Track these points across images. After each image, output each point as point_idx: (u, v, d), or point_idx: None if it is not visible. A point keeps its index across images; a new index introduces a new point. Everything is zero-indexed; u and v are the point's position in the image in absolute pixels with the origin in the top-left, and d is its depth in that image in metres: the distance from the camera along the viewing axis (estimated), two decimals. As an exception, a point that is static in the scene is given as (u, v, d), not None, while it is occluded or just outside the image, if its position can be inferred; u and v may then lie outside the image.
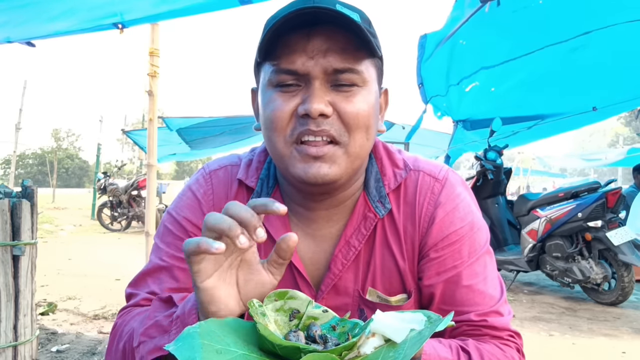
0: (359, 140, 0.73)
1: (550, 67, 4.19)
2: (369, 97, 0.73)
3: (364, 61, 0.72)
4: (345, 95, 0.72)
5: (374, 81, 0.75)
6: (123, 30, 2.51)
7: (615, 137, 39.34)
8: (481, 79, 4.46)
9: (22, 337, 2.10)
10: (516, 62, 4.15)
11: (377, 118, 0.77)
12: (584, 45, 3.81)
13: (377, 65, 0.76)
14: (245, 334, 0.55)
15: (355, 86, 0.72)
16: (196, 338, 0.50)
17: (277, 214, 0.55)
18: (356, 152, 0.73)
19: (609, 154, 14.10)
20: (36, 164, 46.12)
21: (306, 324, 0.59)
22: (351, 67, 0.71)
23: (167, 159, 10.13)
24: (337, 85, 0.72)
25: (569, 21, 3.65)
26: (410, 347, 0.49)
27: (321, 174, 0.71)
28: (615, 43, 3.74)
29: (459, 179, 0.84)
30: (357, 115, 0.71)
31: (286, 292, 0.60)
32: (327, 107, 0.70)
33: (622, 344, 3.33)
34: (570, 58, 3.99)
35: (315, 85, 0.70)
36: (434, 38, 3.98)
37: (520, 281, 5.49)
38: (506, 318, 0.78)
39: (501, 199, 5.34)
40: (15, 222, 2.08)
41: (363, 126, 0.72)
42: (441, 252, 0.78)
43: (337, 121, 0.71)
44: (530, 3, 3.56)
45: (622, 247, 4.13)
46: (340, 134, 0.71)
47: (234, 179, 0.85)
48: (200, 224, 0.82)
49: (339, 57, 0.70)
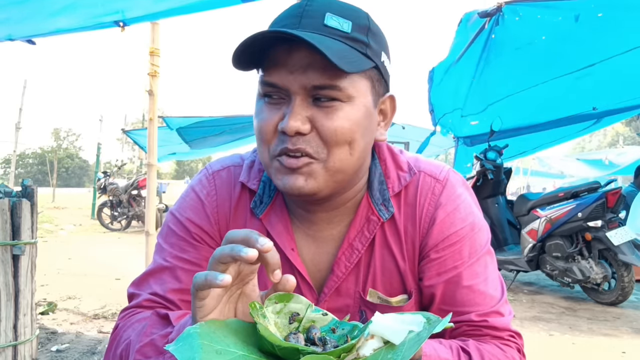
0: (339, 155, 0.71)
1: (554, 94, 4.35)
2: (353, 112, 0.70)
3: (348, 76, 0.69)
4: (325, 112, 0.69)
5: (362, 95, 0.72)
6: (124, 28, 2.51)
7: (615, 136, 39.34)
8: (486, 114, 4.82)
9: (22, 337, 2.10)
10: (520, 95, 4.34)
11: (367, 131, 0.74)
12: (588, 74, 3.90)
13: (371, 77, 0.73)
14: (246, 335, 0.55)
15: (337, 101, 0.70)
16: (196, 338, 0.50)
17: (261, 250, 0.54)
18: (336, 167, 0.71)
19: (609, 154, 14.09)
20: (36, 164, 46.14)
21: (306, 326, 0.59)
22: (332, 84, 0.68)
23: (167, 158, 10.15)
24: (318, 100, 0.70)
25: (573, 54, 3.73)
26: (409, 348, 0.49)
27: (297, 186, 0.71)
28: (618, 68, 3.85)
29: (460, 180, 0.84)
30: (335, 131, 0.69)
31: (287, 295, 0.60)
32: (304, 124, 0.69)
33: (622, 344, 3.33)
34: (574, 85, 4.09)
35: (296, 101, 0.69)
36: (441, 68, 4.14)
37: (520, 281, 5.49)
38: (507, 318, 0.78)
39: (501, 199, 5.35)
40: (15, 221, 2.08)
41: (343, 142, 0.70)
42: (442, 252, 0.78)
43: (316, 138, 0.70)
44: (533, 39, 3.63)
45: (622, 247, 4.13)
46: (318, 150, 0.70)
47: (237, 180, 0.85)
48: (203, 224, 0.82)
49: (318, 74, 0.67)
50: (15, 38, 2.65)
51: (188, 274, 0.80)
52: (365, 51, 0.70)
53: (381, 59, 0.74)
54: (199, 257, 0.81)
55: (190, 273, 0.80)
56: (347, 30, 0.69)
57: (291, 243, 0.81)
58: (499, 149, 5.18)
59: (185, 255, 0.81)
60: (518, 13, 3.41)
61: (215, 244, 0.83)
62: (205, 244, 0.82)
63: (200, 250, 0.82)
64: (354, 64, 0.68)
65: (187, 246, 0.82)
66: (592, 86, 4.25)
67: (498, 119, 4.79)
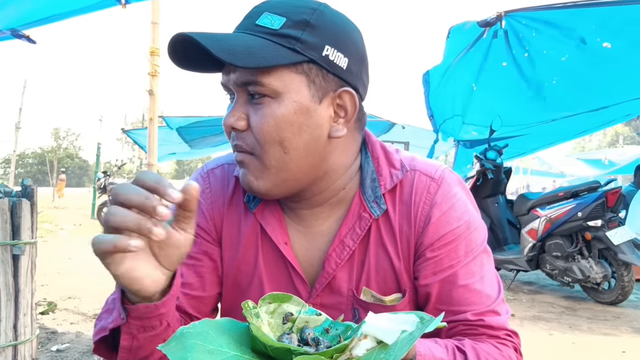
0: (272, 154, 0.71)
1: (558, 104, 4.41)
2: (280, 108, 0.70)
3: (272, 71, 0.69)
4: (255, 108, 0.71)
5: (294, 90, 0.70)
6: (125, 5, 2.48)
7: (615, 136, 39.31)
8: (487, 123, 4.84)
9: (22, 337, 2.10)
10: (523, 108, 4.40)
11: (305, 127, 0.72)
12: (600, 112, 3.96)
13: (305, 71, 0.71)
14: (239, 335, 0.55)
15: (265, 97, 0.70)
16: (188, 338, 0.50)
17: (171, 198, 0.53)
18: (273, 165, 0.72)
19: (609, 153, 14.09)
20: (36, 164, 46.14)
21: (300, 327, 0.59)
22: (254, 80, 0.69)
23: (167, 158, 10.14)
24: (252, 96, 0.72)
25: (584, 99, 3.76)
26: (401, 348, 0.49)
27: (246, 182, 0.74)
28: None
29: (456, 178, 0.83)
30: (261, 129, 0.70)
31: (281, 295, 0.61)
32: (238, 121, 0.71)
33: (622, 343, 3.33)
34: (580, 98, 4.15)
35: (237, 98, 0.73)
36: (436, 72, 4.12)
37: (520, 280, 5.49)
38: (503, 317, 0.78)
39: (501, 199, 5.35)
40: (15, 221, 2.09)
41: (271, 140, 0.70)
42: (437, 251, 0.78)
43: (250, 135, 0.72)
44: (543, 83, 3.65)
45: (622, 246, 4.13)
46: (253, 147, 0.72)
47: (231, 176, 0.87)
48: (200, 222, 0.84)
49: (243, 71, 0.69)
50: (15, 27, 2.61)
51: (188, 268, 0.83)
52: (293, 46, 0.69)
53: (322, 53, 0.70)
54: (198, 251, 0.83)
55: (189, 267, 0.83)
56: (276, 27, 0.69)
57: (284, 237, 0.82)
58: (499, 148, 5.18)
59: None
60: (520, 22, 3.39)
61: (212, 238, 0.85)
62: (202, 239, 0.84)
63: (198, 245, 0.83)
64: (264, 59, 0.67)
65: None
66: (597, 91, 4.25)
67: (498, 118, 4.79)
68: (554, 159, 16.48)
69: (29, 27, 2.69)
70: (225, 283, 0.86)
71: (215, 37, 0.67)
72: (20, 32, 2.68)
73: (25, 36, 2.72)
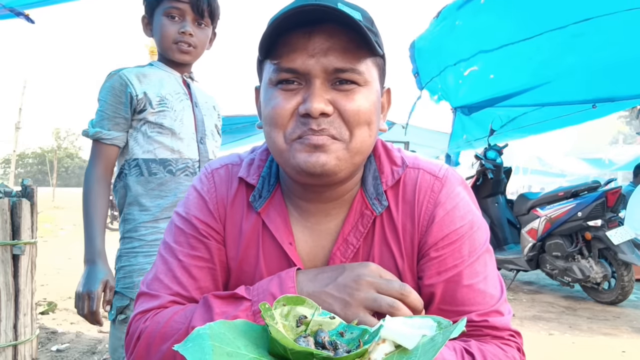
0: (360, 136, 0.73)
1: (550, 53, 4.13)
2: (370, 95, 0.74)
3: (365, 60, 0.72)
4: (346, 94, 0.72)
5: (375, 80, 0.75)
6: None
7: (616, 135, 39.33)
8: (480, 64, 4.39)
9: (22, 337, 2.10)
10: (515, 47, 4.07)
11: (378, 116, 0.78)
12: (584, 33, 3.78)
13: (378, 65, 0.76)
14: (256, 338, 0.54)
15: (356, 84, 0.72)
16: (206, 339, 0.50)
17: None
18: (357, 147, 0.73)
19: (609, 153, 14.09)
20: (36, 163, 46.15)
21: (313, 330, 0.58)
22: (352, 67, 0.71)
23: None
24: (337, 83, 0.72)
25: (569, 7, 3.63)
26: (423, 354, 0.49)
27: (320, 162, 0.71)
28: (615, 32, 3.74)
29: (459, 178, 0.83)
30: (357, 112, 0.72)
31: (294, 298, 0.60)
32: (327, 106, 0.71)
33: (622, 343, 3.33)
34: (570, 45, 3.94)
35: (316, 84, 0.71)
36: (423, 39, 4.00)
37: (520, 280, 5.50)
38: (506, 317, 0.78)
39: (501, 198, 5.35)
40: (15, 221, 2.08)
41: (364, 123, 0.73)
42: (441, 251, 0.77)
43: (338, 119, 0.72)
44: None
45: (622, 246, 4.14)
46: (341, 132, 0.72)
47: (235, 177, 0.86)
48: (209, 221, 0.84)
49: (340, 56, 0.70)
50: (14, 5, 2.56)
51: (201, 271, 0.82)
52: (376, 39, 0.73)
53: (382, 52, 0.76)
54: (210, 253, 0.83)
55: (203, 270, 0.82)
56: (359, 18, 0.70)
57: (289, 237, 0.82)
58: (499, 148, 5.17)
59: (197, 253, 0.82)
60: None
61: (221, 238, 0.84)
62: (213, 240, 0.83)
63: (209, 247, 0.83)
64: (374, 48, 0.71)
65: (197, 243, 0.83)
66: (589, 74, 4.17)
67: (498, 117, 4.78)
68: (554, 158, 16.47)
69: (30, 7, 2.63)
70: (230, 283, 0.86)
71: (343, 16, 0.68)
72: (20, 10, 2.62)
73: (24, 14, 2.66)
